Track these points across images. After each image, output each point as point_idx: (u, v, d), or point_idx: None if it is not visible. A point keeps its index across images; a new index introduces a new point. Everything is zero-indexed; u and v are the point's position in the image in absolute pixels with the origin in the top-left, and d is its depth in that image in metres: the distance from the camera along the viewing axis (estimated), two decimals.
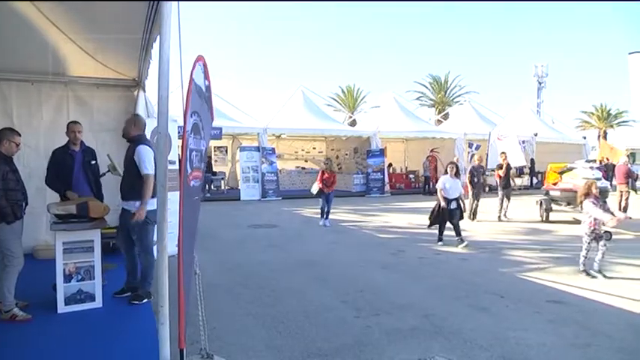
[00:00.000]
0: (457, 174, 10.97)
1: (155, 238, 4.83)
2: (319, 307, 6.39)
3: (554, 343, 5.15)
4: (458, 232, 10.55)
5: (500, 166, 15.09)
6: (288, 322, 5.78)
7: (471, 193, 14.36)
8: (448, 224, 10.68)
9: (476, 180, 14.65)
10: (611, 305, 6.58)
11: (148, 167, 5.66)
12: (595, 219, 7.99)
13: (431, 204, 11.49)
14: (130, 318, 5.50)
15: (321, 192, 13.64)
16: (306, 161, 28.96)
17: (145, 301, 5.86)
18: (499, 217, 14.62)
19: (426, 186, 24.30)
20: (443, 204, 10.54)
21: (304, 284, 7.57)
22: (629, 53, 13.69)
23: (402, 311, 6.16)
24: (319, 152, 29.66)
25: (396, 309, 6.25)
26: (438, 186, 10.86)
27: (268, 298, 6.75)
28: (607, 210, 8.13)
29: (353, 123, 33.13)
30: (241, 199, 21.14)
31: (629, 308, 6.45)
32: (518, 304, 6.58)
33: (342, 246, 10.84)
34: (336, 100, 51.76)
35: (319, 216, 13.95)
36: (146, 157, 5.72)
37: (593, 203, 8.00)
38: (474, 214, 14.43)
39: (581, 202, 8.25)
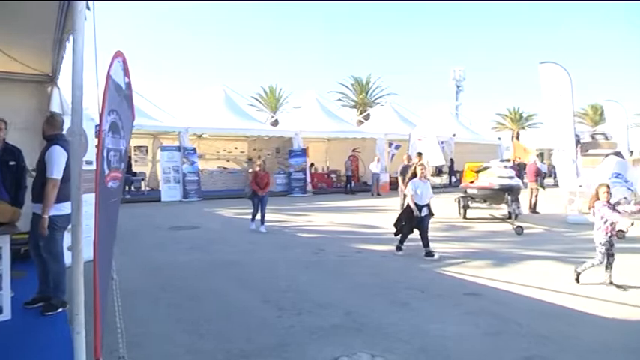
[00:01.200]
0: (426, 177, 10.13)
1: (66, 243, 4.59)
2: (241, 308, 6.37)
3: (470, 333, 5.44)
4: (426, 243, 9.64)
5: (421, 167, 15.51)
6: (210, 324, 5.72)
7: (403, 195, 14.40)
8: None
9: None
10: (522, 295, 7.02)
11: (54, 170, 5.26)
12: (612, 223, 7.50)
13: (353, 203, 11.70)
14: (42, 329, 5.18)
15: (254, 194, 12.60)
16: (227, 161, 28.67)
17: (59, 310, 5.54)
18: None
19: (348, 185, 24.72)
20: (416, 212, 9.58)
21: (226, 285, 7.51)
22: (540, 63, 14.74)
23: (324, 309, 6.25)
24: (241, 152, 29.47)
25: (318, 307, 6.33)
26: (409, 192, 9.83)
27: (190, 301, 6.64)
28: (616, 210, 7.63)
29: (275, 123, 33.14)
30: (162, 200, 20.62)
31: (537, 297, 6.91)
32: (438, 298, 6.86)
33: (264, 246, 10.82)
34: (258, 100, 51.61)
35: (250, 219, 12.93)
36: (56, 160, 5.29)
37: (609, 208, 7.48)
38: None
39: (592, 207, 7.70)
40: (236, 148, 29.44)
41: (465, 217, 14.67)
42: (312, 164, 26.56)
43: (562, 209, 15.29)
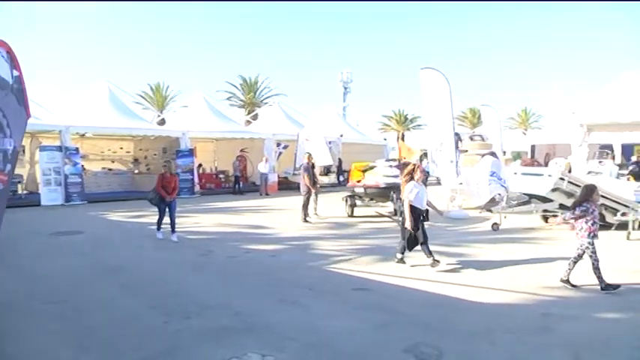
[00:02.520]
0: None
1: None
2: (128, 315, 6.08)
3: (359, 327, 5.59)
4: (429, 251, 8.55)
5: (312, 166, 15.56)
6: (95, 335, 5.40)
7: (306, 191, 14.31)
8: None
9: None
10: (408, 287, 7.35)
11: None
12: (595, 222, 7.50)
13: (242, 203, 11.54)
14: None
15: (161, 200, 11.34)
16: (112, 162, 27.26)
17: None
18: (305, 216, 14.92)
19: (236, 185, 24.51)
20: (408, 224, 8.39)
21: (112, 293, 7.12)
22: (421, 68, 15.58)
23: (213, 312, 6.13)
24: (127, 152, 28.15)
25: (207, 310, 6.20)
26: (409, 197, 8.50)
27: (73, 312, 6.22)
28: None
29: (162, 122, 32.08)
30: (42, 204, 19.10)
31: (422, 288, 7.28)
32: (327, 294, 6.99)
33: (152, 250, 10.40)
34: (144, 98, 49.66)
35: (157, 228, 11.70)
36: None
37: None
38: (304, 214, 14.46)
39: (576, 207, 7.62)
40: (121, 148, 28.06)
41: (352, 215, 15.05)
42: (200, 164, 26.04)
43: (444, 205, 16.13)
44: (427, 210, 8.93)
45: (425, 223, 8.74)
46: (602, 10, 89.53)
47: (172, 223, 11.40)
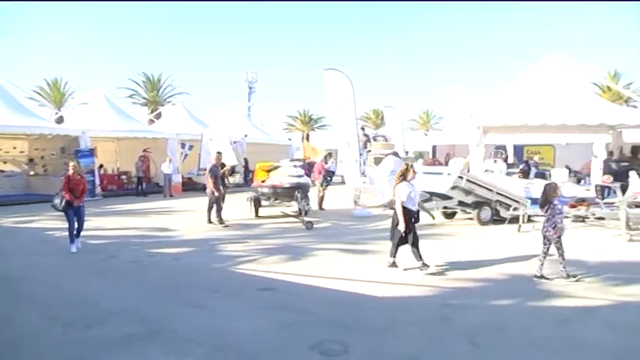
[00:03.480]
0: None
1: None
2: (26, 329, 5.70)
3: (265, 327, 5.63)
4: (420, 254, 8.33)
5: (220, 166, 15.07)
6: None
7: (213, 193, 13.69)
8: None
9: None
10: (314, 285, 7.48)
11: None
12: (561, 219, 7.99)
13: (145, 205, 11.17)
14: None
15: (68, 205, 10.04)
16: (5, 163, 25.37)
17: None
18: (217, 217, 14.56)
19: (139, 187, 23.66)
20: (402, 226, 8.18)
21: (5, 307, 6.59)
22: (325, 69, 15.86)
23: (116, 319, 5.92)
24: (21, 152, 26.23)
25: (110, 318, 5.97)
26: (401, 197, 8.24)
27: None
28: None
29: (60, 120, 30.35)
30: None
31: (327, 286, 7.41)
32: (233, 296, 6.99)
33: (49, 257, 9.73)
34: (40, 94, 46.61)
35: (70, 240, 10.14)
36: None
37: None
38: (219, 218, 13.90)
39: (546, 205, 7.98)
40: (15, 148, 26.11)
41: (257, 215, 15.02)
42: (101, 165, 24.85)
43: (349, 204, 16.49)
44: (418, 211, 8.84)
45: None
46: (505, 10, 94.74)
47: (79, 230, 10.26)
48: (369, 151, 20.65)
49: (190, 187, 24.43)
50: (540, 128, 17.19)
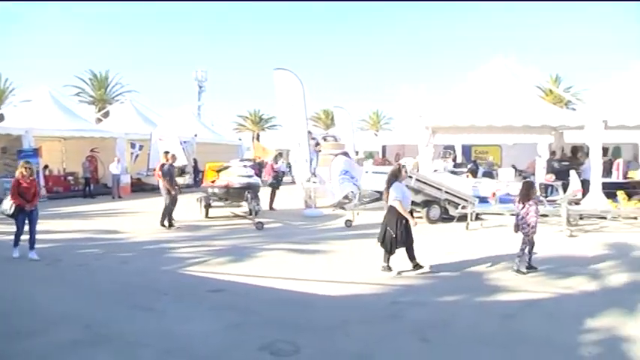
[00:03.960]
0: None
1: None
2: None
3: (215, 329, 5.61)
4: (413, 256, 8.27)
5: (162, 166, 14.71)
6: None
7: (169, 192, 13.22)
8: None
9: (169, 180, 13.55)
10: (263, 286, 7.47)
11: None
12: (537, 216, 8.43)
13: (93, 207, 10.85)
14: None
15: (19, 210, 9.25)
16: None
17: None
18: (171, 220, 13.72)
19: (86, 188, 22.96)
20: (412, 221, 8.14)
21: None
22: (275, 69, 15.79)
23: (62, 326, 5.72)
24: None
25: (56, 325, 5.76)
26: (398, 197, 8.08)
27: None
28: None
29: (0, 118, 29.13)
30: None
31: (277, 286, 7.43)
32: (182, 298, 6.91)
33: None
34: None
35: (13, 244, 9.43)
36: None
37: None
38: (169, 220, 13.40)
39: (524, 203, 8.37)
40: None
41: (207, 216, 14.86)
42: (46, 166, 23.93)
43: (300, 204, 16.53)
44: (412, 211, 8.85)
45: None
46: (455, 11, 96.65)
47: (32, 238, 9.39)
48: (320, 151, 20.76)
49: (139, 187, 23.87)
50: (487, 129, 17.66)
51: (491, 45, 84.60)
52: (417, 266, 8.20)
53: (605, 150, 21.55)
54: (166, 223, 13.03)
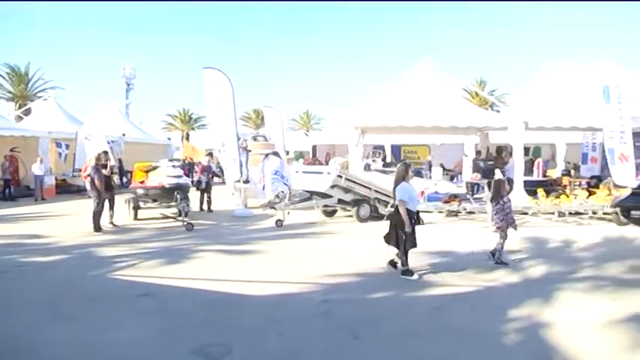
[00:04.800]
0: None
1: None
2: None
3: (144, 335, 5.44)
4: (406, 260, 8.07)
5: (103, 167, 13.42)
6: None
7: (97, 196, 12.57)
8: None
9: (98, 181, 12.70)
10: (194, 288, 7.32)
11: None
12: (510, 212, 8.91)
13: (14, 210, 10.24)
14: None
15: None
16: None
17: None
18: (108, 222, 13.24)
19: (7, 190, 21.64)
20: (408, 227, 7.80)
21: None
22: (204, 68, 15.34)
23: None
24: None
25: None
26: (404, 198, 7.89)
27: None
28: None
29: None
30: None
31: (207, 288, 7.33)
32: (110, 304, 6.62)
33: None
34: None
35: None
36: None
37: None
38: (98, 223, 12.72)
39: (496, 200, 8.96)
40: None
41: (136, 218, 14.40)
42: None
43: (230, 205, 16.35)
44: (418, 212, 8.72)
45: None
46: (385, 12, 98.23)
47: None
48: (250, 151, 20.58)
49: (64, 189, 22.79)
50: (416, 129, 18.13)
51: (419, 48, 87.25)
52: (409, 272, 7.88)
53: (526, 150, 22.82)
54: (95, 224, 12.51)
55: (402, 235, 7.82)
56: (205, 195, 16.60)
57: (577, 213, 14.12)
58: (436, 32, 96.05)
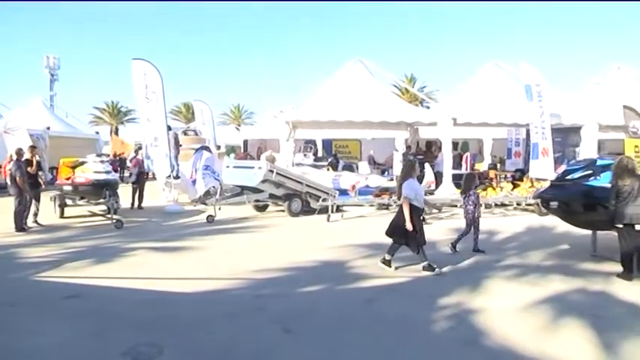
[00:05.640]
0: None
1: None
2: None
3: (72, 339, 5.18)
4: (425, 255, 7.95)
5: (28, 163, 12.49)
6: None
7: (18, 194, 11.65)
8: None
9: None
10: (125, 287, 7.08)
11: None
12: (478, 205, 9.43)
13: None
14: None
15: None
16: None
17: None
18: (32, 221, 12.45)
19: None
20: (409, 224, 7.62)
21: None
22: (133, 59, 14.64)
23: None
24: None
25: None
26: (410, 195, 7.75)
27: None
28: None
29: None
30: None
31: (140, 287, 7.10)
32: (34, 308, 6.23)
33: None
34: None
35: None
36: None
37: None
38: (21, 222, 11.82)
39: (466, 193, 9.41)
40: None
41: (62, 217, 13.71)
42: None
43: (161, 201, 15.97)
44: (423, 209, 8.56)
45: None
46: (317, 11, 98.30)
47: None
48: (181, 145, 20.11)
49: None
50: (347, 124, 18.29)
51: (351, 44, 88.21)
52: (431, 267, 7.83)
53: (455, 144, 23.60)
54: (26, 225, 11.82)
55: (412, 232, 7.68)
56: (137, 191, 16.02)
57: (502, 204, 14.78)
58: (370, 33, 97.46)
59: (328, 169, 19.72)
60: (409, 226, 7.63)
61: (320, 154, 26.60)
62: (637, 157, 12.54)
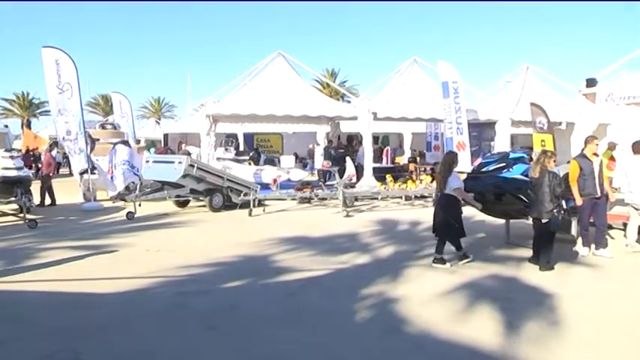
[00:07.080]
0: None
1: None
2: None
3: None
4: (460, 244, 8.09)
5: None
6: None
7: None
8: None
9: None
10: (41, 291, 6.72)
11: None
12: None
13: None
14: None
15: None
16: None
17: None
18: None
19: None
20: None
21: None
22: (43, 47, 13.55)
23: None
24: None
25: None
26: (460, 185, 7.93)
27: None
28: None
29: None
30: None
31: (57, 289, 6.77)
32: None
33: None
34: None
35: None
36: None
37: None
38: None
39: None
40: None
41: None
42: None
43: (77, 198, 15.29)
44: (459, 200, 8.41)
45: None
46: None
47: None
48: (98, 139, 19.25)
49: None
50: (268, 118, 18.21)
51: (274, 39, 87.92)
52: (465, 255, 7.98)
53: (375, 139, 24.06)
54: None
55: (454, 223, 7.82)
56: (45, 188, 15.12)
57: (422, 196, 15.19)
58: (291, 27, 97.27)
59: (250, 164, 19.59)
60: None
61: (242, 148, 26.29)
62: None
